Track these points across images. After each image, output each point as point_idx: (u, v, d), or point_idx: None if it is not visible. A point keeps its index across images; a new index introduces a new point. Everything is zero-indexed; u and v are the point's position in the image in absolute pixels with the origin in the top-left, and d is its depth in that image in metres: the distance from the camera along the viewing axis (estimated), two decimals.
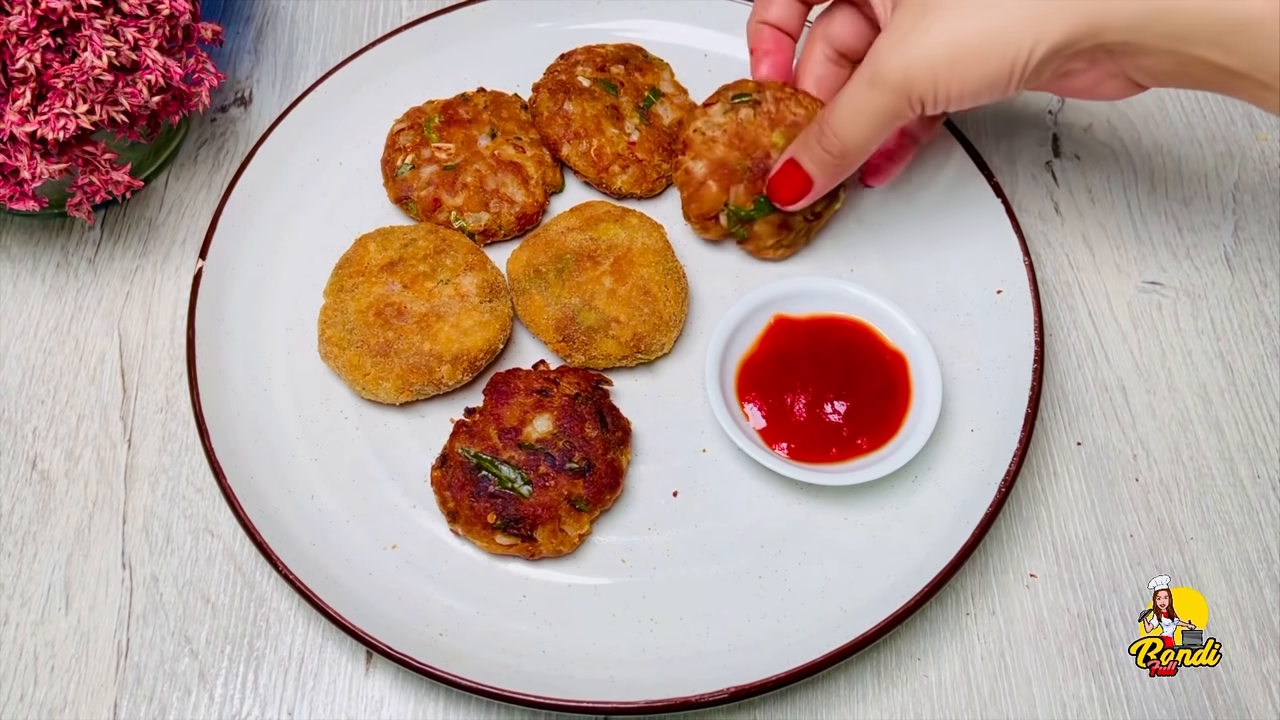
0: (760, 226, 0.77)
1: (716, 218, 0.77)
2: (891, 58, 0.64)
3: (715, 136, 0.76)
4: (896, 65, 0.63)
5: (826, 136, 0.69)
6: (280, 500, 0.69)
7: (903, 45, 0.63)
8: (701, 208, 0.77)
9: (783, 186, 0.73)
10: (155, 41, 0.70)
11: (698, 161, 0.76)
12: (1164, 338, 0.80)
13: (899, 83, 0.63)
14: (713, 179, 0.76)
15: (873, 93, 0.65)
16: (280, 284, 0.78)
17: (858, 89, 0.66)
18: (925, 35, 0.63)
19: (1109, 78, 0.65)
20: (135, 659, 0.67)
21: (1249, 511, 0.72)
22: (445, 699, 0.66)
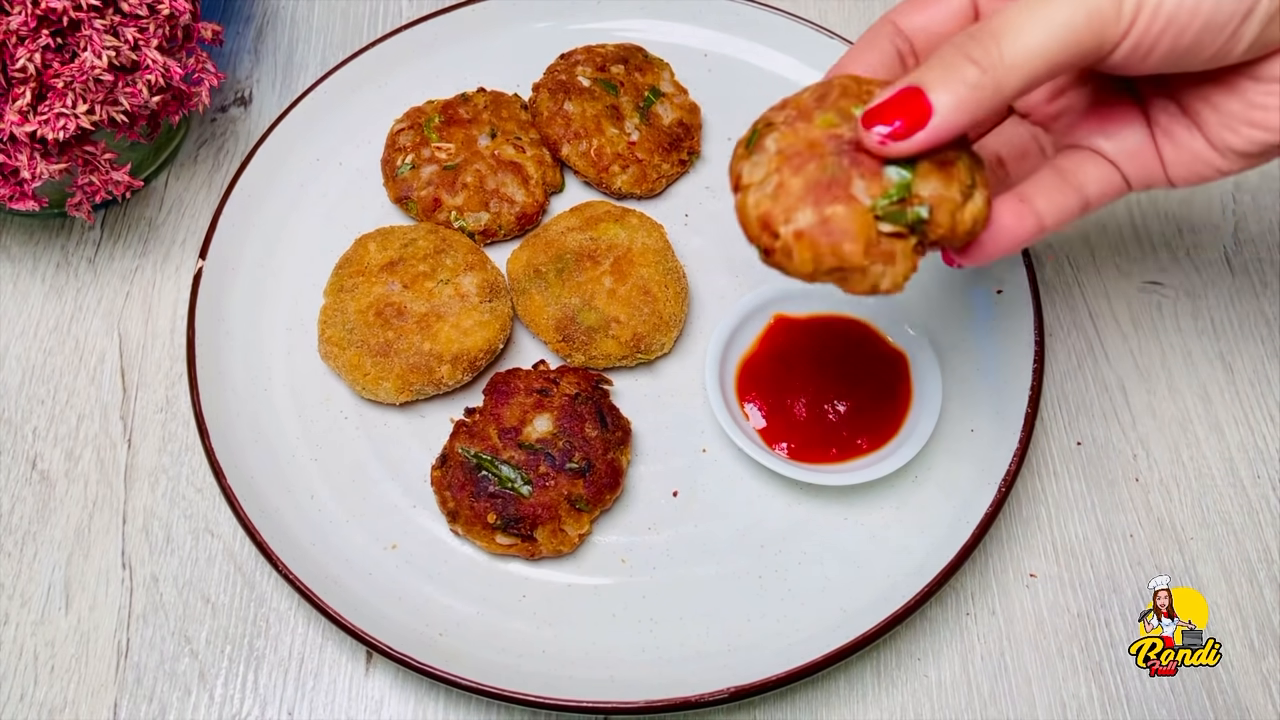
0: (929, 188, 0.49)
1: (876, 240, 0.49)
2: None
3: (775, 177, 0.50)
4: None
5: (978, 41, 0.47)
6: (280, 500, 0.69)
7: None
8: (852, 237, 0.48)
9: (888, 112, 0.48)
10: (155, 41, 0.70)
11: (793, 212, 0.49)
12: (1164, 338, 0.79)
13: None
14: (823, 202, 0.48)
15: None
16: (280, 284, 0.78)
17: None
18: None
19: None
20: (135, 659, 0.67)
21: (1249, 511, 0.72)
22: (445, 699, 0.66)
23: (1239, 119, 0.51)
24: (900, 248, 0.49)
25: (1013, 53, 0.47)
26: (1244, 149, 0.52)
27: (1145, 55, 0.48)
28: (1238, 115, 0.51)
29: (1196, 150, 0.53)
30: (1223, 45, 0.48)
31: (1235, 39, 0.47)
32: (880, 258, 0.49)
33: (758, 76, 0.87)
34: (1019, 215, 0.52)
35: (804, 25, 0.87)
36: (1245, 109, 0.51)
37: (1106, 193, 0.55)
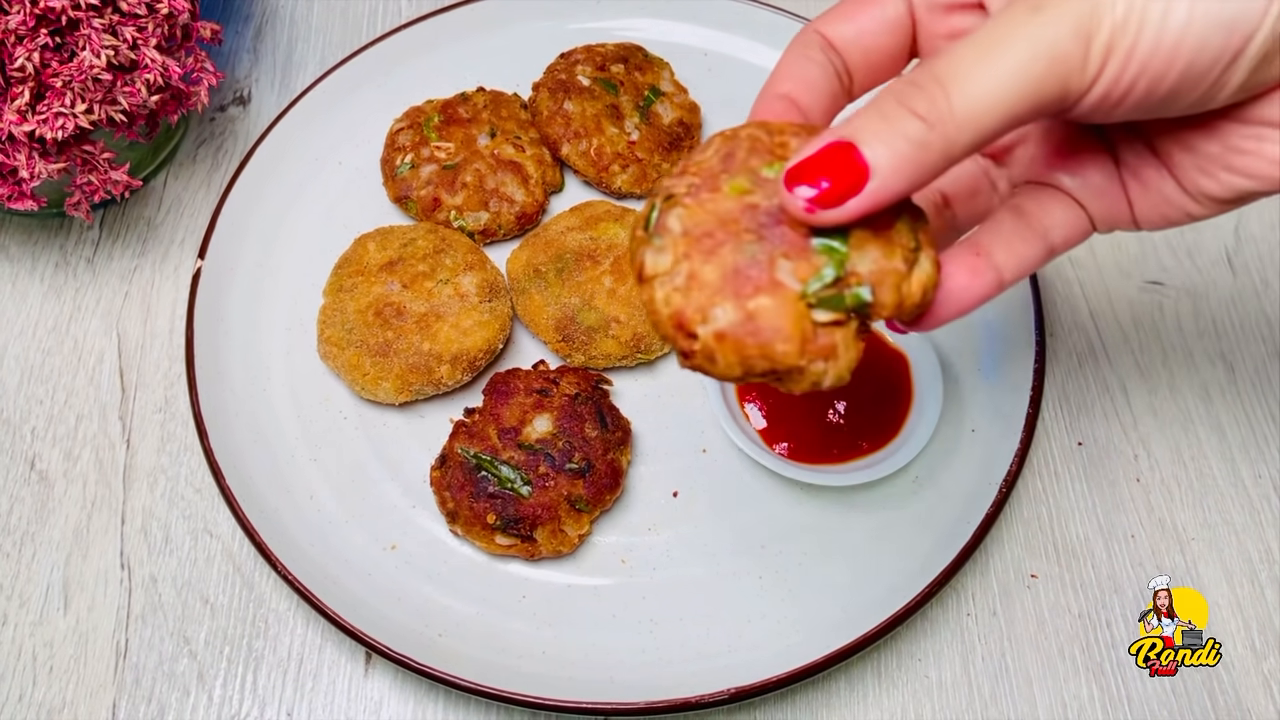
0: (867, 262, 0.42)
1: (813, 333, 0.41)
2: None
3: (684, 265, 0.41)
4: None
5: (922, 89, 0.39)
6: (279, 501, 0.69)
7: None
8: (785, 335, 0.41)
9: (813, 170, 0.40)
10: (154, 41, 0.70)
11: (711, 309, 0.41)
12: (1165, 338, 0.79)
13: (1086, 6, 0.39)
14: (745, 294, 0.41)
15: (1035, 21, 0.39)
16: (279, 284, 0.78)
17: (1003, 21, 0.40)
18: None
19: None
20: (134, 659, 0.67)
21: (1251, 512, 0.72)
22: (445, 700, 0.66)
23: (1216, 163, 0.45)
24: (841, 336, 0.41)
25: (964, 105, 0.39)
26: (1220, 195, 0.46)
27: (1115, 105, 0.41)
28: (1215, 159, 0.45)
29: (1166, 194, 0.47)
30: (1204, 93, 0.41)
31: (1219, 86, 0.41)
32: (819, 353, 0.41)
33: (758, 76, 0.86)
34: (975, 272, 0.45)
35: (805, 24, 0.87)
36: (1224, 153, 0.44)
37: (1071, 237, 0.49)
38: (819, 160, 0.40)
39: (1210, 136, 0.44)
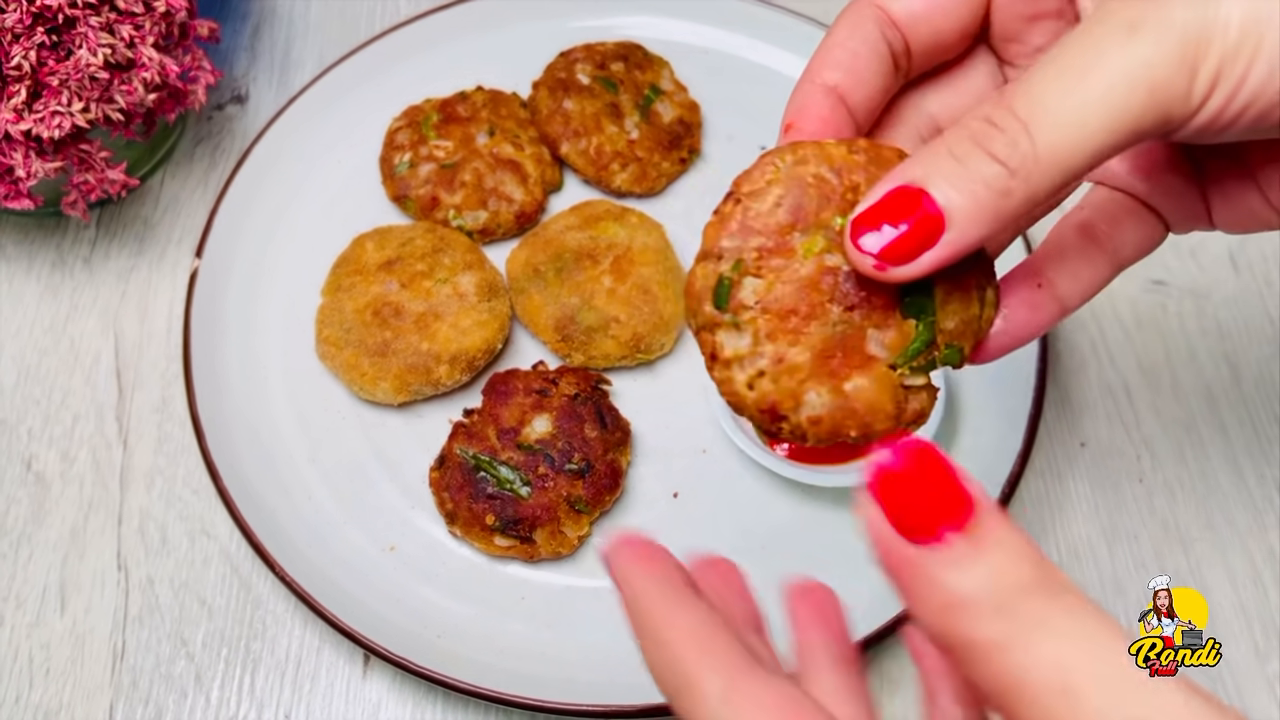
0: (953, 318, 0.40)
1: (904, 400, 0.40)
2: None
3: (768, 347, 0.38)
4: (1192, 5, 0.34)
5: (1002, 128, 0.34)
6: (277, 501, 0.69)
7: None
8: (882, 413, 0.39)
9: (881, 217, 0.35)
10: (151, 39, 0.70)
11: (804, 395, 0.38)
12: (1168, 338, 0.79)
13: (1193, 27, 0.33)
14: (839, 376, 0.38)
15: (1133, 44, 0.33)
16: (277, 283, 0.78)
17: (1092, 42, 0.34)
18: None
19: None
20: (131, 661, 0.66)
21: (1254, 513, 0.72)
22: (444, 702, 0.66)
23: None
24: (927, 393, 0.40)
25: (1050, 147, 0.33)
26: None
27: (1216, 134, 0.36)
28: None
29: (1250, 205, 0.43)
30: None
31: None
32: (911, 419, 0.39)
33: (759, 74, 0.87)
34: (1035, 307, 0.42)
35: (805, 22, 0.86)
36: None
37: (1144, 248, 0.45)
38: (887, 208, 0.35)
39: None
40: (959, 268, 0.38)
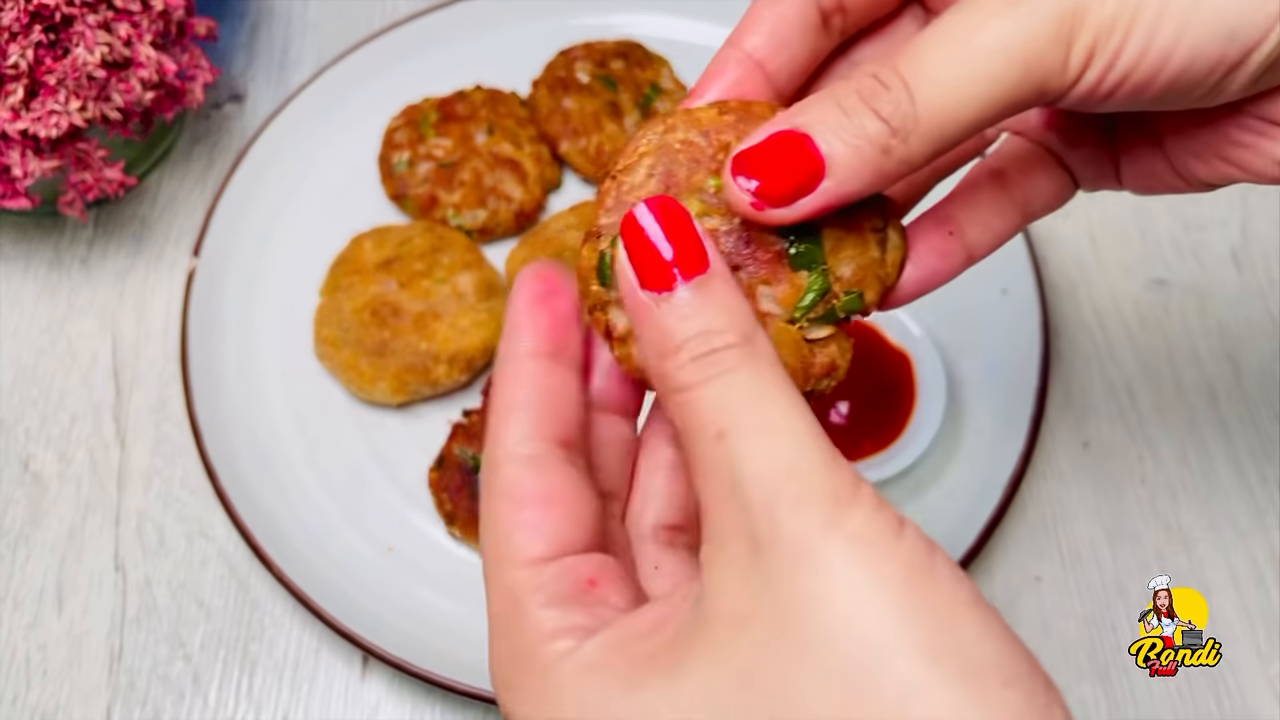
0: (848, 263, 0.38)
1: (811, 356, 0.40)
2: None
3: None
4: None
5: (885, 84, 0.35)
6: (275, 502, 0.68)
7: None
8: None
9: (766, 163, 0.35)
10: (149, 37, 0.70)
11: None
12: (1170, 337, 0.79)
13: (1069, 1, 0.35)
14: None
15: (1012, 16, 0.35)
16: (275, 282, 0.77)
17: (976, 10, 0.35)
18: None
19: None
20: (128, 663, 0.66)
21: (1257, 514, 0.72)
22: (442, 703, 0.65)
23: (1211, 152, 0.42)
24: (836, 347, 0.38)
25: (929, 112, 0.34)
26: (1211, 180, 0.43)
27: (1096, 105, 0.37)
28: (1211, 148, 0.41)
29: (1156, 170, 0.44)
30: (1200, 98, 0.37)
31: (1216, 93, 0.37)
32: (821, 373, 0.38)
33: None
34: (945, 254, 0.41)
35: None
36: (1221, 144, 0.41)
37: (1052, 203, 0.45)
38: (768, 150, 0.35)
39: (1207, 127, 0.41)
40: (849, 213, 0.37)
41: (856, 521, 0.28)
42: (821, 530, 0.28)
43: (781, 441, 0.30)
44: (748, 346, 0.32)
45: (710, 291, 0.33)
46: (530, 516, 0.34)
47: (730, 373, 0.31)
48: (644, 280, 0.33)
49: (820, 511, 0.28)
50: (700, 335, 0.32)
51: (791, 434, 0.30)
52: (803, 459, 0.29)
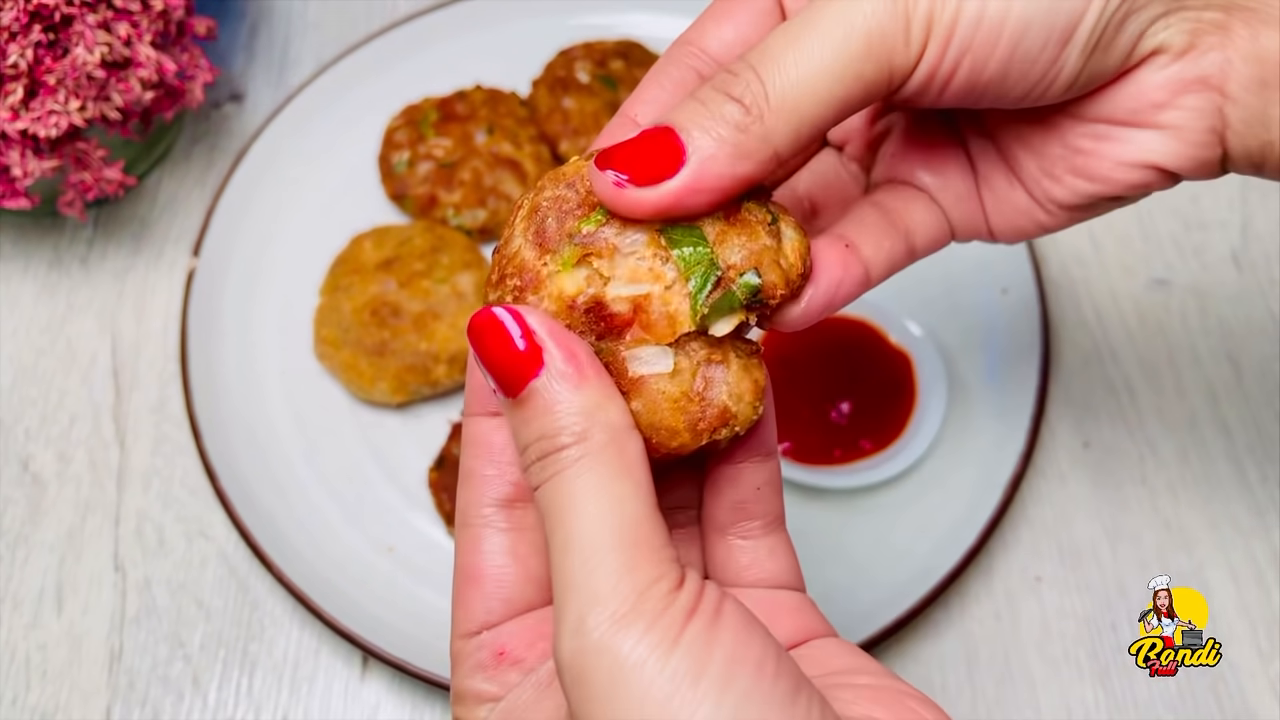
0: (735, 249, 0.38)
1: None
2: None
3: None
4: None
5: (737, 75, 0.38)
6: (274, 502, 0.68)
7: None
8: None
9: (632, 155, 0.36)
10: (148, 37, 0.70)
11: None
12: (1171, 337, 0.79)
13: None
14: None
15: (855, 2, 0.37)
16: (274, 282, 0.77)
17: (821, 2, 0.38)
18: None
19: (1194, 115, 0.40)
20: (128, 663, 0.66)
21: (1257, 513, 0.71)
22: (442, 704, 0.65)
23: (1061, 166, 0.43)
24: (731, 388, 0.38)
25: (780, 91, 0.36)
26: (1068, 200, 0.44)
27: (943, 87, 0.39)
28: (1059, 161, 0.43)
29: (1016, 202, 0.45)
30: (1037, 81, 0.39)
31: (1054, 71, 0.39)
32: (713, 424, 0.38)
33: None
34: (846, 264, 0.41)
35: None
36: (1067, 154, 0.42)
37: (932, 240, 0.46)
38: (631, 144, 0.36)
39: (1051, 136, 0.43)
40: (732, 211, 0.38)
41: (628, 643, 0.31)
42: (596, 652, 0.31)
43: (580, 558, 0.32)
44: (581, 446, 0.33)
45: (539, 397, 0.34)
46: (467, 594, 0.39)
47: (558, 475, 0.33)
48: (498, 388, 0.35)
49: (598, 633, 0.31)
50: (538, 440, 0.34)
51: (593, 549, 0.32)
52: (595, 576, 0.32)
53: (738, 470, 0.41)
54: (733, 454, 0.41)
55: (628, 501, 0.33)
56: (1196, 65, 0.40)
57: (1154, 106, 0.41)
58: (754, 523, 0.42)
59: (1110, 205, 0.45)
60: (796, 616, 0.41)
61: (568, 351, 0.34)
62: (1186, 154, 0.41)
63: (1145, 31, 0.39)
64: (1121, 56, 0.40)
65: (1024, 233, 0.46)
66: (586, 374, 0.34)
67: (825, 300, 0.41)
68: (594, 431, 0.34)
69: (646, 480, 0.34)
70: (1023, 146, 0.44)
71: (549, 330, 0.35)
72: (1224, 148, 0.41)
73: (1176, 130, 0.41)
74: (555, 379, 0.34)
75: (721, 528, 0.42)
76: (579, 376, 0.34)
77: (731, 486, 0.41)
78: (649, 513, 0.33)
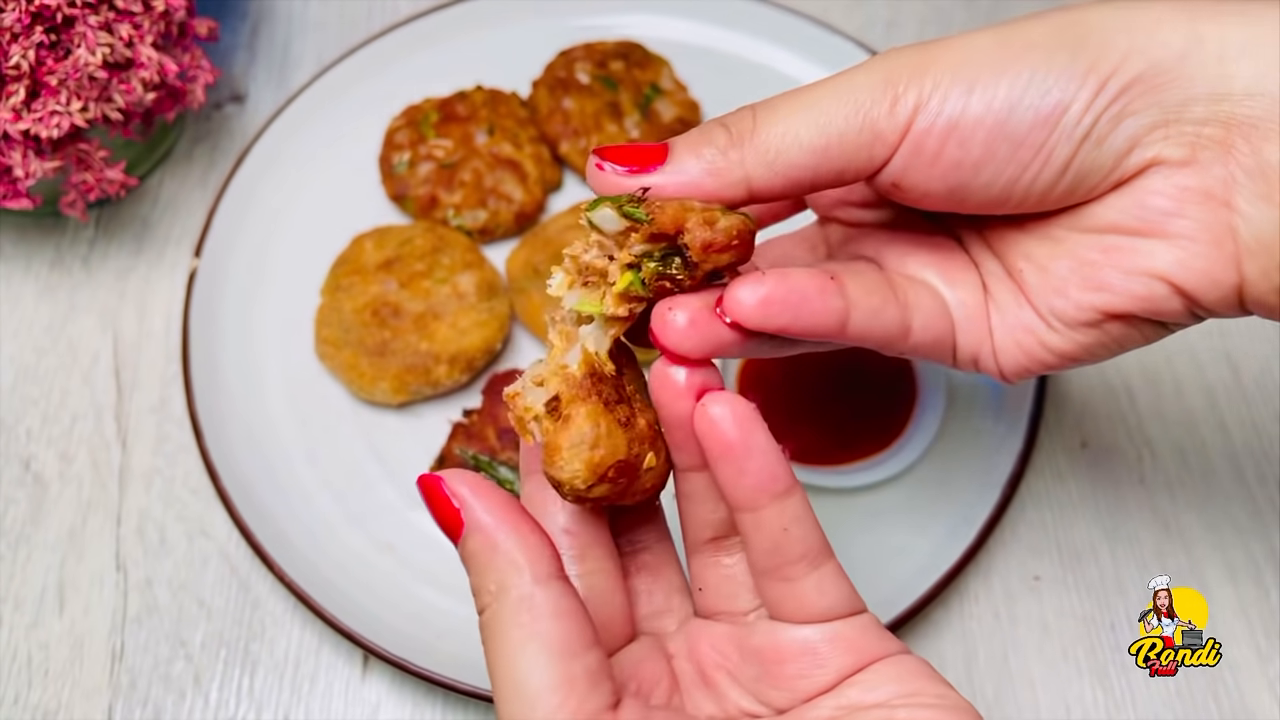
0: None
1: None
2: (899, 50, 0.42)
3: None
4: (904, 50, 0.42)
5: (738, 114, 0.42)
6: (275, 502, 0.68)
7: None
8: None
9: (620, 152, 0.42)
10: (150, 38, 0.70)
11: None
12: (1170, 339, 0.78)
13: (899, 66, 0.41)
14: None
15: (849, 73, 0.41)
16: (275, 283, 0.78)
17: (833, 75, 0.42)
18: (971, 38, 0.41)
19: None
20: (129, 662, 0.66)
21: (1255, 514, 0.72)
22: (443, 703, 0.65)
23: (1069, 281, 0.42)
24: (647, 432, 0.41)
25: (765, 133, 0.40)
26: (1077, 317, 0.43)
27: (929, 168, 0.40)
28: (1067, 276, 0.42)
29: (1025, 321, 0.44)
30: (1025, 167, 0.40)
31: (1040, 161, 0.40)
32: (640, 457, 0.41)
33: (759, 73, 0.87)
34: (824, 291, 0.41)
35: (806, 21, 0.86)
36: (1076, 266, 0.42)
37: (933, 336, 0.44)
38: (626, 146, 0.42)
39: (1057, 249, 0.43)
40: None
41: None
42: None
43: (503, 702, 0.36)
44: (494, 607, 0.37)
45: (468, 550, 0.38)
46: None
47: (486, 639, 0.37)
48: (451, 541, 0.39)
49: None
50: (475, 592, 0.38)
51: (509, 700, 0.36)
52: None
53: (758, 517, 0.40)
54: (742, 499, 0.40)
55: (538, 669, 0.35)
56: (1200, 177, 0.39)
57: (1163, 214, 0.40)
58: (796, 564, 0.41)
59: (1123, 331, 0.43)
60: (856, 645, 0.41)
61: (485, 506, 0.38)
62: (1197, 267, 0.40)
63: (1142, 140, 0.40)
64: (1115, 157, 0.40)
65: (1030, 355, 0.45)
66: (498, 530, 0.37)
67: (784, 300, 0.40)
68: (507, 586, 0.37)
69: (561, 633, 0.36)
70: (1029, 262, 0.44)
71: (468, 490, 0.38)
72: (1240, 273, 0.40)
73: (1186, 240, 0.40)
74: (469, 539, 0.38)
75: (765, 572, 0.41)
76: (488, 534, 0.37)
77: (757, 532, 0.41)
78: (563, 672, 0.35)
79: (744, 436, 0.39)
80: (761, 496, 0.39)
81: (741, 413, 0.39)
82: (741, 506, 0.40)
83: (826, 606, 0.41)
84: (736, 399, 0.39)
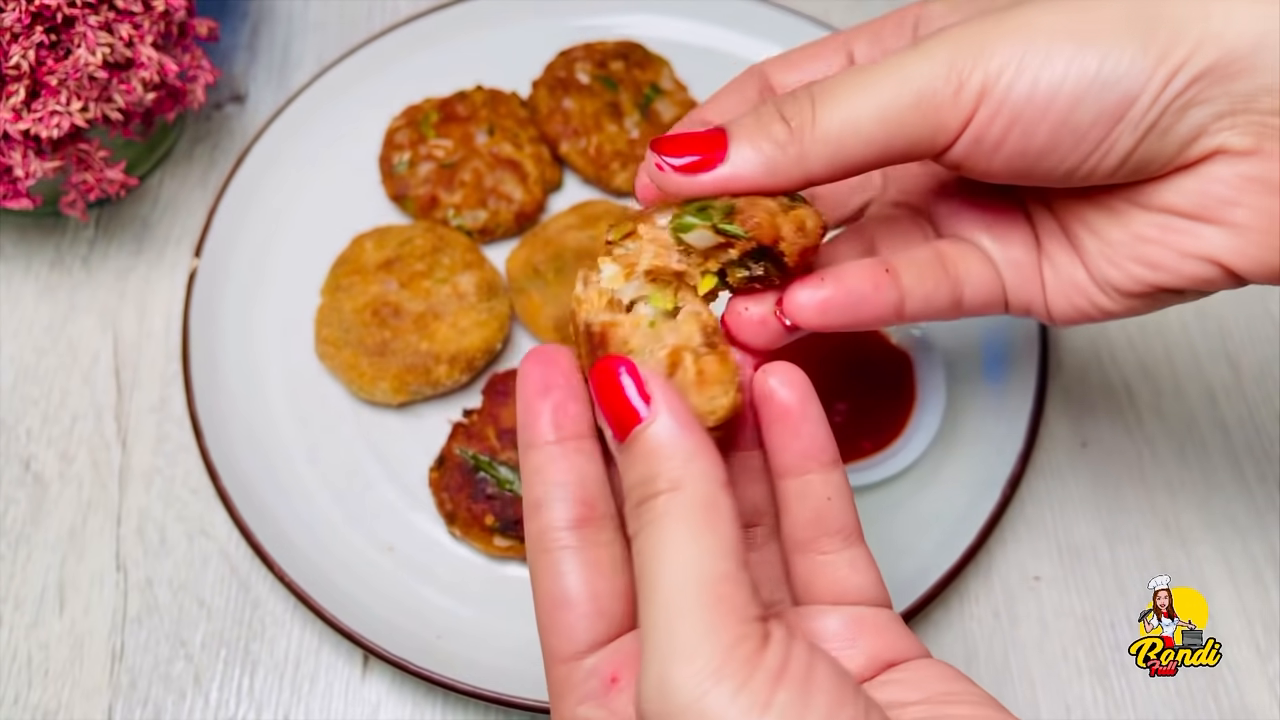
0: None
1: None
2: (957, 26, 0.41)
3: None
4: (968, 29, 0.40)
5: (796, 99, 0.41)
6: (276, 502, 0.68)
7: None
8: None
9: (682, 145, 0.41)
10: (150, 38, 0.70)
11: None
12: (1169, 337, 0.79)
13: (963, 48, 0.39)
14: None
15: (912, 56, 0.40)
16: (275, 283, 0.78)
17: (890, 56, 0.41)
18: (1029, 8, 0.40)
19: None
20: (129, 662, 0.66)
21: (1255, 513, 0.72)
22: (443, 703, 0.65)
23: (1124, 253, 0.43)
24: (721, 382, 0.41)
25: (825, 123, 0.40)
26: (1129, 287, 0.44)
27: (991, 154, 0.40)
28: (1122, 248, 0.43)
29: (1078, 281, 0.45)
30: (1087, 156, 0.40)
31: (1100, 151, 0.40)
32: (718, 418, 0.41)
33: None
34: (878, 286, 0.43)
35: (806, 21, 0.86)
36: (1131, 241, 0.43)
37: (983, 299, 0.46)
38: (685, 137, 0.41)
39: (1115, 221, 0.43)
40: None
41: (717, 705, 0.32)
42: (682, 713, 0.32)
43: (664, 611, 0.34)
44: (672, 495, 0.35)
45: (641, 443, 0.37)
46: (562, 618, 0.38)
47: (651, 524, 0.35)
48: (611, 432, 0.38)
49: (683, 693, 0.32)
50: (638, 484, 0.36)
51: (676, 603, 0.34)
52: (677, 632, 0.33)
53: (804, 483, 0.41)
54: (791, 464, 0.41)
55: (712, 557, 0.34)
56: (1264, 167, 0.39)
57: (1222, 203, 0.40)
58: (833, 537, 0.42)
59: (1171, 298, 0.44)
60: (885, 636, 0.42)
61: (672, 406, 0.37)
62: (1252, 255, 0.41)
63: (1208, 128, 0.39)
64: (1179, 145, 0.40)
65: (1081, 312, 0.46)
66: (687, 427, 0.36)
67: (842, 303, 0.43)
68: (686, 482, 0.35)
69: (734, 536, 0.35)
70: (1086, 228, 0.44)
71: (659, 387, 0.37)
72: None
73: (1243, 229, 0.40)
74: (658, 428, 0.36)
75: (801, 545, 0.42)
76: (680, 429, 0.36)
77: (800, 501, 0.42)
78: (733, 570, 0.34)
79: (801, 403, 0.41)
80: (810, 462, 0.41)
81: (799, 382, 0.41)
82: (789, 472, 0.41)
83: (858, 584, 0.42)
84: (794, 369, 0.41)
